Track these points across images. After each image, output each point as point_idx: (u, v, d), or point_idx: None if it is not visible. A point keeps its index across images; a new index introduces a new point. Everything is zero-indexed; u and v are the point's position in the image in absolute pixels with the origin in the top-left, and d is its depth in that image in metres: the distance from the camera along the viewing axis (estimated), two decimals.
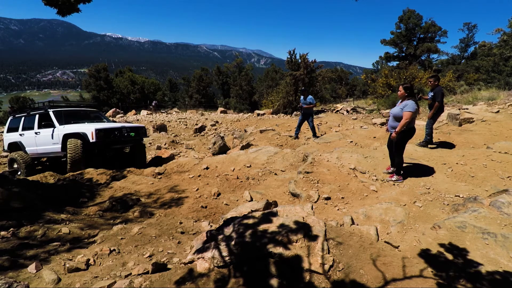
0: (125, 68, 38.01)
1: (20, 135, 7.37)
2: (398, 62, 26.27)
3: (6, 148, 7.86)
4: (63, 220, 3.29)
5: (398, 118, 3.97)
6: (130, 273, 2.11)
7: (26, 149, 7.21)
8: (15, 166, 7.26)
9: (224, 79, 34.72)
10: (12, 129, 7.78)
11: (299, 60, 15.61)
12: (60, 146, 6.41)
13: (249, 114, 18.25)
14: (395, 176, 4.21)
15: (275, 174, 5.35)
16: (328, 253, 2.02)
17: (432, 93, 5.54)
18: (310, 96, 8.04)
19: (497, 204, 2.87)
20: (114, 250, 2.48)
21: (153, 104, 26.22)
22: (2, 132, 14.20)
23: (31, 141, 7.10)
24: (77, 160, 6.04)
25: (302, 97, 8.11)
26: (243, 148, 7.53)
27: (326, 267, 1.92)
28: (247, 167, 5.64)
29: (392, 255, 2.21)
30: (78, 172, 6.27)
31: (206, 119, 16.43)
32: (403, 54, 28.18)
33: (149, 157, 8.65)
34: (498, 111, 8.07)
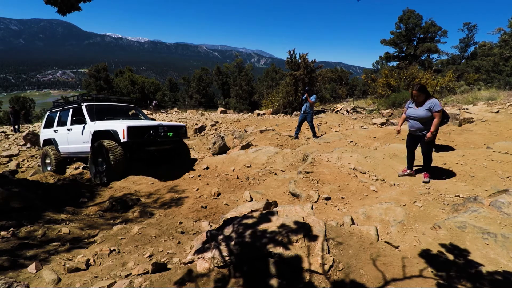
0: (125, 68, 38.14)
1: (55, 131, 6.86)
2: (398, 62, 26.28)
3: (41, 145, 7.50)
4: (63, 220, 3.29)
5: (425, 120, 3.89)
6: (130, 273, 2.10)
7: (59, 147, 6.71)
8: (47, 161, 6.87)
9: (224, 79, 34.79)
10: (48, 125, 7.28)
11: (299, 60, 15.62)
12: (90, 145, 5.63)
13: (249, 114, 18.25)
14: (428, 177, 4.13)
15: (275, 174, 5.35)
16: (328, 253, 2.02)
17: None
18: (314, 96, 8.02)
19: (497, 204, 2.87)
20: (114, 250, 2.48)
21: (153, 104, 26.27)
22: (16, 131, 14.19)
23: (63, 139, 6.56)
24: (119, 164, 5.18)
25: (304, 97, 7.99)
26: (243, 148, 7.53)
27: (326, 267, 1.92)
28: (247, 167, 5.63)
29: (392, 255, 2.21)
30: (78, 172, 6.26)
31: (206, 119, 16.42)
32: (403, 54, 28.22)
33: None
34: (498, 111, 8.08)
